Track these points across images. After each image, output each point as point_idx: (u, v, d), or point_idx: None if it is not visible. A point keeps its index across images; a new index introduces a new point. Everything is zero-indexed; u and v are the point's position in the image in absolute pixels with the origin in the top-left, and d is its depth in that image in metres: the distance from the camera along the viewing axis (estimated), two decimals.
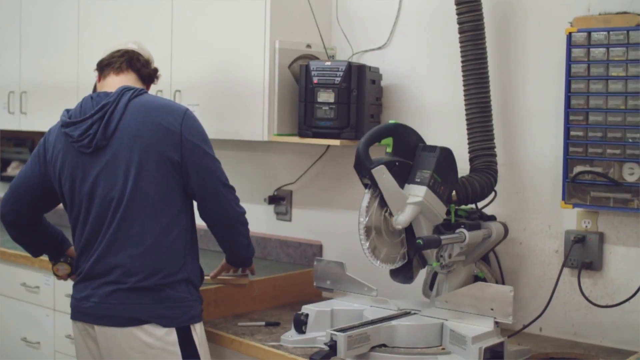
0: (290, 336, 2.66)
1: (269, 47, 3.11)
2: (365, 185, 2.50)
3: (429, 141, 2.73)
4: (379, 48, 3.25)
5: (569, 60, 2.61)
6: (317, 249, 3.50)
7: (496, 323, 2.43)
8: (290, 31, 3.19)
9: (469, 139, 2.81)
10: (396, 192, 2.48)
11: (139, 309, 2.53)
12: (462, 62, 2.80)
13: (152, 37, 3.36)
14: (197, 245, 2.72)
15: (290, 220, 3.61)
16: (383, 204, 2.49)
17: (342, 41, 3.33)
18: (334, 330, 2.36)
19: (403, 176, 2.52)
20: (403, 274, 2.64)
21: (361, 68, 3.00)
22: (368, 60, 3.24)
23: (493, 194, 2.78)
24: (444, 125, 3.08)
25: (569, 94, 2.62)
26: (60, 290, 3.67)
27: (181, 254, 2.59)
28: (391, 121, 2.56)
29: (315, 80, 3.01)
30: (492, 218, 2.78)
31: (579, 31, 2.58)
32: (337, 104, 2.98)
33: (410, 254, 2.60)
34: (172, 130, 2.54)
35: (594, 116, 2.57)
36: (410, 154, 2.56)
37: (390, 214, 2.50)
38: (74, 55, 3.92)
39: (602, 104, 2.55)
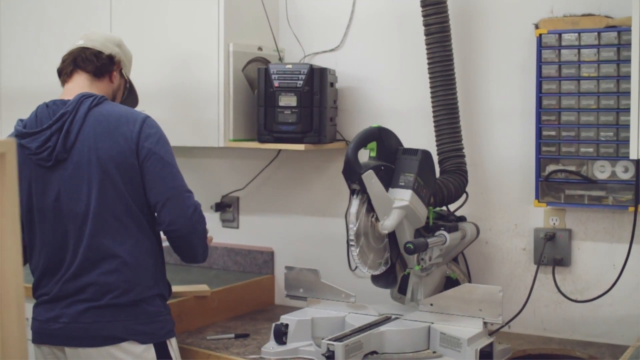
0: (272, 347, 2.58)
1: (223, 49, 3.01)
2: (353, 191, 2.45)
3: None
4: (332, 50, 3.21)
5: (540, 62, 2.66)
6: (268, 256, 3.42)
7: (484, 324, 2.45)
8: (243, 34, 3.10)
9: (437, 140, 2.81)
10: (383, 197, 2.45)
11: (115, 327, 2.39)
12: (429, 63, 2.79)
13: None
14: (164, 259, 2.60)
15: (237, 227, 3.51)
16: (369, 209, 2.46)
17: (293, 43, 3.26)
18: (330, 339, 2.31)
19: (387, 180, 2.50)
20: (384, 279, 2.62)
21: (323, 71, 2.95)
22: (320, 62, 3.19)
23: (465, 195, 2.80)
24: (402, 128, 3.03)
25: (540, 94, 2.67)
26: None
27: (153, 268, 2.48)
28: (374, 125, 2.53)
29: (276, 84, 2.93)
30: (463, 219, 2.80)
31: (549, 33, 2.63)
32: (299, 108, 2.92)
33: (393, 258, 2.57)
34: (131, 140, 2.41)
35: (566, 116, 2.62)
36: (391, 157, 2.54)
37: (377, 219, 2.47)
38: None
39: (574, 104, 2.61)
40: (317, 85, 2.93)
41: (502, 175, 2.90)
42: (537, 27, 2.74)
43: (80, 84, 2.53)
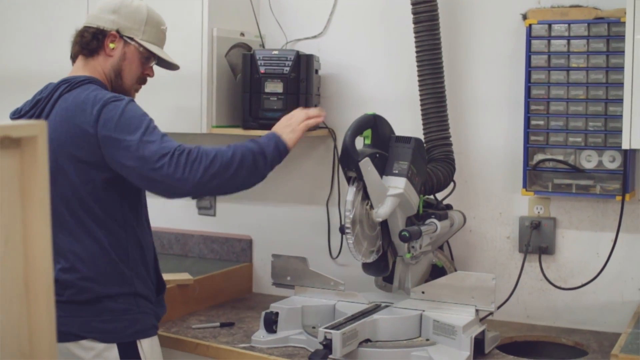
0: (262, 336, 2.55)
1: (207, 35, 2.96)
2: (349, 179, 2.44)
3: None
4: (315, 37, 3.18)
5: (529, 52, 2.67)
6: (246, 244, 3.39)
7: (476, 311, 2.47)
8: (226, 19, 3.05)
9: (424, 129, 2.82)
10: (379, 185, 2.44)
11: (73, 322, 2.24)
12: (417, 52, 2.79)
13: (65, 16, 3.11)
14: (150, 253, 2.41)
15: (214, 215, 3.47)
16: (364, 197, 2.45)
17: (275, 29, 3.23)
18: (327, 328, 2.30)
19: (380, 168, 2.49)
20: (375, 267, 2.61)
21: (309, 57, 2.93)
22: (302, 49, 3.16)
23: (452, 184, 2.81)
24: (385, 116, 3.05)
25: (529, 84, 2.69)
26: None
27: (120, 266, 2.29)
28: (369, 112, 2.52)
29: (262, 70, 2.90)
30: (450, 207, 2.81)
31: (539, 23, 2.65)
32: (285, 95, 2.89)
33: (385, 246, 2.57)
34: (87, 131, 2.18)
35: (555, 106, 2.65)
36: (385, 145, 2.53)
37: (371, 207, 2.46)
38: None
39: (563, 93, 2.64)
40: (303, 71, 2.91)
41: (487, 164, 2.92)
42: (524, 17, 2.76)
43: (76, 66, 2.39)
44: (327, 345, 2.26)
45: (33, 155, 1.26)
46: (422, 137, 2.80)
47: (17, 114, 2.37)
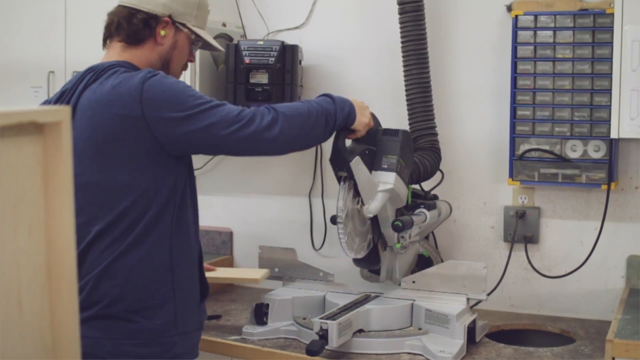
0: (253, 328, 2.54)
1: None
2: (339, 178, 2.41)
3: None
4: (297, 27, 3.17)
5: (515, 42, 2.70)
6: (227, 236, 3.37)
7: (467, 300, 2.48)
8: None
9: (410, 118, 2.82)
10: (369, 182, 2.41)
11: (104, 345, 1.95)
12: (403, 42, 2.79)
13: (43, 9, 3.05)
14: (194, 252, 2.10)
15: None
16: (355, 194, 2.42)
17: (256, 20, 3.21)
18: (323, 318, 2.29)
19: (369, 162, 2.46)
20: (367, 260, 2.60)
21: (294, 48, 2.92)
22: (283, 39, 3.14)
23: (441, 174, 2.82)
24: (370, 107, 3.06)
25: (515, 74, 2.71)
26: None
27: (162, 272, 2.01)
28: None
29: (247, 60, 2.88)
30: (436, 197, 2.82)
31: (525, 14, 2.67)
32: (271, 85, 2.87)
33: (375, 239, 2.57)
34: (133, 117, 1.91)
35: (541, 96, 2.68)
36: (372, 139, 2.49)
37: (362, 204, 2.44)
38: None
39: (549, 84, 2.67)
40: (288, 62, 2.89)
41: (470, 154, 2.94)
42: (509, 9, 2.78)
43: (112, 53, 2.09)
44: (323, 335, 2.25)
45: (57, 142, 1.23)
46: (407, 127, 2.81)
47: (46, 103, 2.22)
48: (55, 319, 1.27)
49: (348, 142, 2.46)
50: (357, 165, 2.37)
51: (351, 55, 3.11)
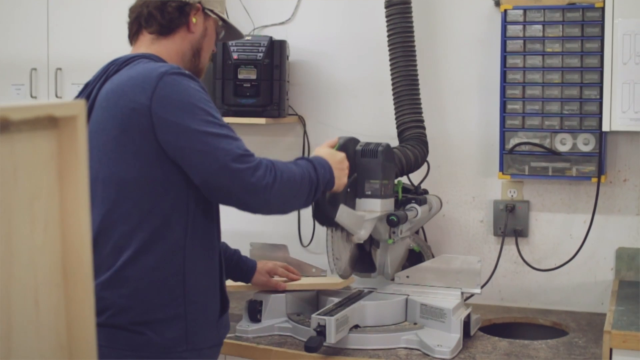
0: (247, 326, 2.52)
1: None
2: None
3: (343, 119, 2.83)
4: (283, 23, 3.15)
5: (504, 36, 2.71)
6: None
7: (461, 294, 2.49)
8: None
9: (396, 111, 2.81)
10: (356, 218, 2.33)
11: (108, 355, 1.81)
12: (389, 35, 2.78)
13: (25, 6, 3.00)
14: (213, 262, 1.96)
15: None
16: (343, 229, 2.36)
17: (241, 15, 3.18)
18: (320, 314, 2.28)
19: (353, 197, 2.36)
20: (363, 266, 2.60)
21: (283, 43, 2.90)
22: (269, 35, 3.12)
23: (426, 167, 2.81)
24: (354, 102, 3.07)
25: (504, 68, 2.72)
26: None
27: (172, 282, 1.87)
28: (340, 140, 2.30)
29: (235, 56, 2.85)
30: (426, 192, 2.82)
31: (514, 8, 2.68)
32: (259, 81, 2.85)
33: (367, 247, 2.57)
34: (139, 111, 1.79)
35: (531, 90, 2.69)
36: (352, 164, 2.29)
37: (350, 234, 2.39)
38: None
39: (538, 78, 2.68)
40: (277, 57, 2.88)
41: (459, 148, 2.95)
42: (496, 3, 2.79)
43: (140, 46, 2.00)
44: (321, 332, 2.24)
45: (72, 137, 1.20)
46: (394, 121, 2.80)
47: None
48: (71, 319, 1.24)
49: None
50: (343, 214, 2.25)
51: (337, 50, 3.10)
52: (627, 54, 2.38)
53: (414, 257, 2.76)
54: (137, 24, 2.00)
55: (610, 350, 2.15)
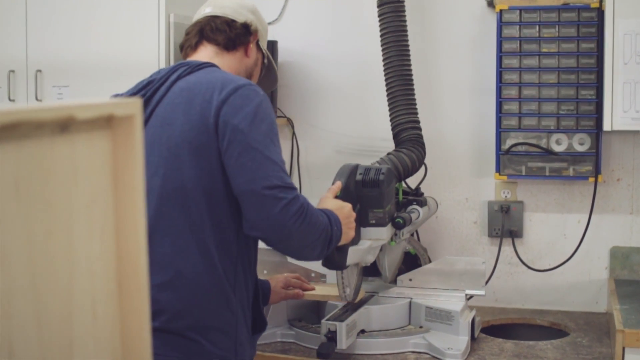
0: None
1: (164, 20, 2.81)
2: None
3: (331, 121, 2.82)
4: (270, 23, 3.09)
5: (500, 37, 2.70)
6: None
7: (465, 296, 2.47)
8: (182, 4, 2.91)
9: (391, 112, 2.77)
10: (363, 253, 2.27)
11: None
12: (382, 34, 2.74)
13: (2, 6, 2.89)
14: (253, 276, 1.96)
15: None
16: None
17: None
18: (330, 320, 2.23)
19: (357, 226, 2.24)
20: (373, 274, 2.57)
21: (273, 44, 2.85)
22: None
23: (424, 170, 2.78)
24: (344, 104, 3.04)
25: (500, 69, 2.71)
26: None
27: (226, 287, 1.84)
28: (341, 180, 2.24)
29: None
30: (422, 193, 2.79)
31: (510, 9, 2.68)
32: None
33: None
34: (208, 110, 1.80)
35: (527, 90, 2.69)
36: (351, 194, 2.23)
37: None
38: None
39: (534, 78, 2.68)
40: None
41: (452, 149, 2.93)
42: (489, 4, 2.79)
43: (203, 56, 2.03)
44: (332, 337, 2.20)
45: (128, 137, 1.13)
46: (383, 122, 2.75)
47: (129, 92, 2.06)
48: (126, 330, 1.18)
49: None
50: (351, 255, 2.18)
51: (327, 51, 3.06)
52: (627, 54, 2.39)
53: (410, 260, 2.74)
54: (200, 35, 2.04)
55: (623, 349, 2.15)
